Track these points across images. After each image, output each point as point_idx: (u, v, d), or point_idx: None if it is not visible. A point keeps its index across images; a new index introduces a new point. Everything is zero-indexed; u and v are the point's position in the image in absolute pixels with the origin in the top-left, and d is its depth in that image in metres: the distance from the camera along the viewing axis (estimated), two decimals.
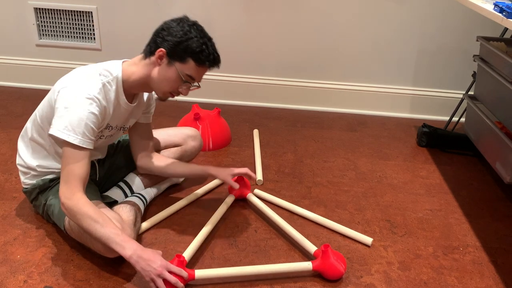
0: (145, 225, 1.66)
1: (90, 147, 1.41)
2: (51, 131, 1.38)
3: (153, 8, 2.65)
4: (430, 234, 1.76)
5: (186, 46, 1.42)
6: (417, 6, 2.56)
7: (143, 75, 1.48)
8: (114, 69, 1.48)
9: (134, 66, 1.49)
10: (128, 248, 1.34)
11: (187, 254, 1.50)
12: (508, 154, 1.84)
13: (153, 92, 1.62)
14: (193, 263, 1.53)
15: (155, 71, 1.47)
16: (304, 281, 1.49)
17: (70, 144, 1.37)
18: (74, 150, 1.38)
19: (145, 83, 1.50)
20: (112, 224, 1.37)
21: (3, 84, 2.88)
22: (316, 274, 1.51)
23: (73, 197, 1.36)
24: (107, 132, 1.56)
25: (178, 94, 1.51)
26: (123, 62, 1.51)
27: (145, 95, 1.65)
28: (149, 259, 1.33)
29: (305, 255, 1.60)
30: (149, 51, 1.48)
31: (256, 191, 1.90)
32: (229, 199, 1.82)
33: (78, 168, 1.38)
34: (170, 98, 1.55)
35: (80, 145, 1.37)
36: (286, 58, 2.72)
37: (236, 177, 1.80)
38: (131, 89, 1.52)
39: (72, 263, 1.50)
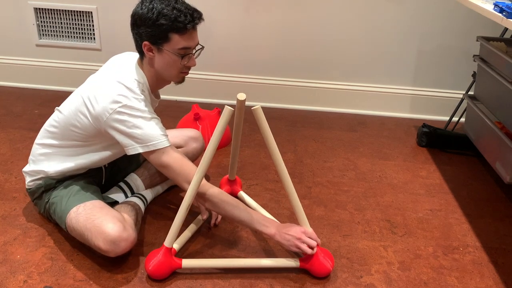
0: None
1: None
2: (141, 150, 1.43)
3: None
4: (430, 234, 1.76)
5: (160, 26, 1.38)
6: (417, 6, 2.56)
7: (153, 74, 1.51)
8: (139, 75, 1.49)
9: (143, 69, 1.52)
10: (271, 226, 1.47)
11: (177, 245, 1.54)
12: (508, 154, 1.84)
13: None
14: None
15: (156, 64, 1.48)
16: (304, 281, 1.49)
17: (161, 150, 1.43)
18: (167, 153, 1.44)
19: (159, 79, 1.53)
20: (245, 205, 1.49)
21: (3, 84, 2.88)
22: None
23: (209, 190, 1.45)
24: None
25: (188, 68, 1.51)
26: (136, 65, 1.52)
27: None
28: (288, 231, 1.46)
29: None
30: (139, 51, 1.50)
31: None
32: None
33: (187, 164, 1.46)
34: (187, 76, 1.55)
35: (168, 145, 1.45)
36: (286, 58, 2.72)
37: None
38: (154, 89, 1.58)
39: (72, 263, 1.50)
